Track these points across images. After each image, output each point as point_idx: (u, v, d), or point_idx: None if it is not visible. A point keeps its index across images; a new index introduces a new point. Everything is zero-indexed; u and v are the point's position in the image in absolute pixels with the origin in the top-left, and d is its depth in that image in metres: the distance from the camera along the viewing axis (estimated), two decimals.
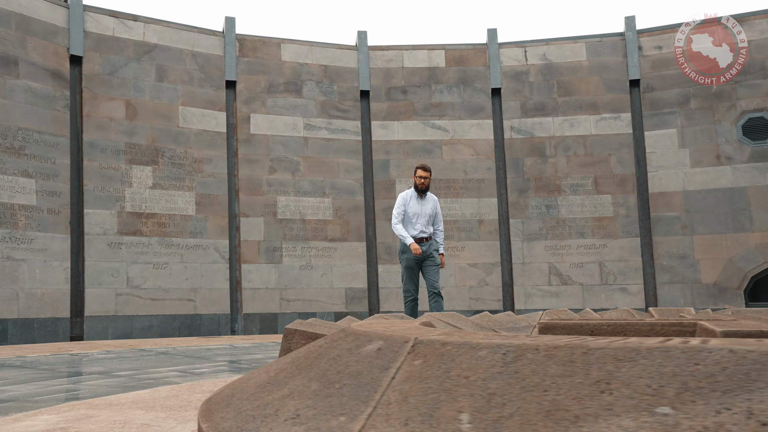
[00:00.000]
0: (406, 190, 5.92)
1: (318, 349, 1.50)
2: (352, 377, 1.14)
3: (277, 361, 1.71)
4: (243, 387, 1.44)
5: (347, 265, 9.07)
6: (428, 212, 5.75)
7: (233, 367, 3.98)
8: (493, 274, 9.07)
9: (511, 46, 9.95)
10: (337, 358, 1.29)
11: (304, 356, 1.51)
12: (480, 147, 9.59)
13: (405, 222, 5.75)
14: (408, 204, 5.74)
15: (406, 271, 5.70)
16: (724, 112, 8.82)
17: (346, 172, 9.45)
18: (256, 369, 1.80)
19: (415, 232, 5.69)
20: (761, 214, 8.33)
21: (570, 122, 9.46)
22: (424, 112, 9.76)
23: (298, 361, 1.47)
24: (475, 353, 1.04)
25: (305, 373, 1.29)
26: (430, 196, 5.85)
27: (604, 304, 8.66)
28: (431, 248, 5.71)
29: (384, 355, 1.18)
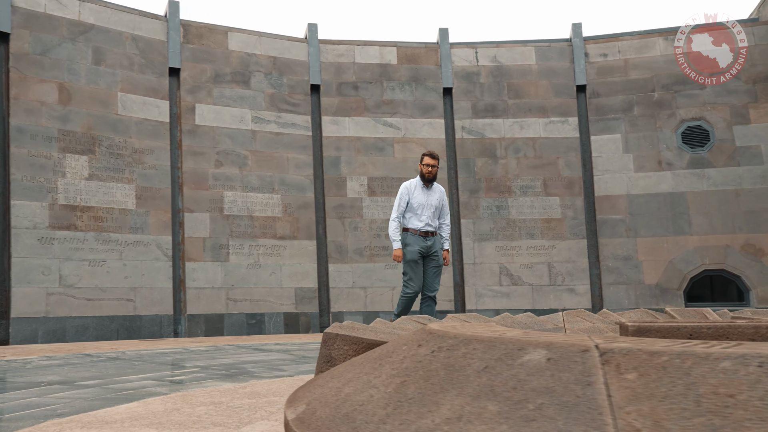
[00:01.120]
0: (409, 180, 5.57)
1: (431, 358, 1.29)
2: (544, 395, 0.96)
3: (355, 370, 1.50)
4: (356, 407, 1.22)
5: (297, 264, 8.77)
6: (435, 203, 5.39)
7: (213, 374, 3.66)
8: (445, 274, 9.02)
9: (462, 47, 9.96)
10: (490, 371, 1.10)
11: (413, 367, 1.30)
12: (432, 146, 9.52)
13: (409, 214, 5.36)
14: (412, 194, 5.37)
15: (409, 266, 5.27)
16: (665, 120, 9.18)
17: (295, 167, 9.14)
18: (326, 378, 1.58)
19: (420, 225, 5.32)
20: (699, 218, 8.71)
21: (520, 124, 9.57)
22: (375, 109, 9.60)
23: (412, 372, 1.26)
24: (715, 365, 0.88)
25: (455, 389, 1.09)
26: (436, 186, 5.50)
27: (553, 304, 8.81)
28: (436, 245, 5.37)
29: (563, 367, 1.01)
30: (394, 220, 5.39)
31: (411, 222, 5.33)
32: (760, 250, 8.40)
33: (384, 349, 1.62)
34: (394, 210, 5.41)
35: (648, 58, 9.51)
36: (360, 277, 8.91)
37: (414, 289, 5.29)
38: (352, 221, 9.11)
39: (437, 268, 5.38)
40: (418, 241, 5.28)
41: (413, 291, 5.30)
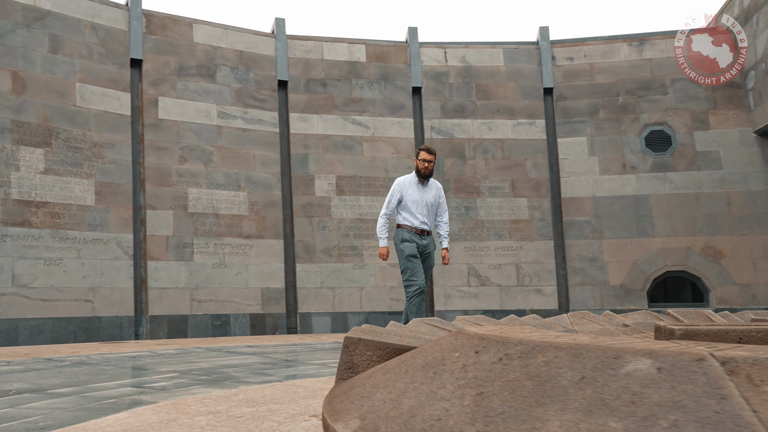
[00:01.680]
0: (404, 175, 5.32)
1: (503, 367, 1.19)
2: (675, 410, 0.87)
3: (403, 378, 1.39)
4: (431, 423, 1.10)
5: (264, 263, 8.55)
6: (430, 200, 5.16)
7: (196, 379, 3.48)
8: None
9: (431, 46, 9.93)
10: (592, 382, 1.01)
11: (484, 377, 1.20)
12: (401, 145, 9.47)
13: (403, 211, 5.11)
14: (406, 191, 5.12)
15: (408, 262, 5.01)
16: (629, 124, 9.36)
17: (262, 165, 8.92)
18: (364, 388, 1.46)
19: (416, 223, 5.09)
20: (661, 220, 8.91)
21: (488, 125, 9.60)
22: (344, 106, 9.46)
23: (486, 382, 1.16)
24: None
25: (555, 402, 0.99)
26: (433, 183, 5.25)
27: (521, 305, 8.86)
28: (431, 245, 5.16)
29: (682, 378, 0.92)
30: (381, 217, 5.16)
31: (407, 219, 5.10)
32: (719, 252, 8.65)
33: (426, 355, 1.52)
34: (384, 207, 5.20)
35: (613, 63, 9.69)
36: (328, 278, 8.76)
37: (418, 283, 5.02)
38: (320, 220, 8.95)
39: (429, 269, 5.21)
40: (415, 238, 5.07)
41: (418, 285, 5.03)
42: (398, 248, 5.09)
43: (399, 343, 1.87)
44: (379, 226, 5.16)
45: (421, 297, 5.01)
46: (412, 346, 1.86)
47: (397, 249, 5.09)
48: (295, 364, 4.22)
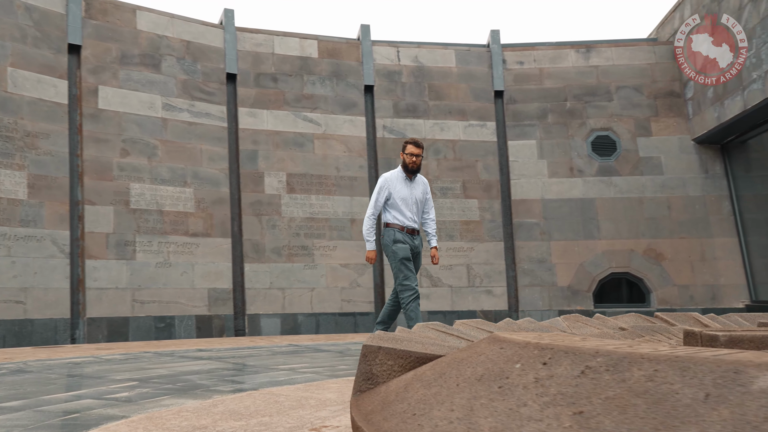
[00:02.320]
0: (389, 172, 5.01)
1: (594, 382, 1.08)
2: None
3: (458, 394, 1.26)
4: None
5: (211, 263, 8.22)
6: (419, 197, 4.89)
7: (160, 389, 3.22)
8: (365, 275, 8.84)
9: (384, 45, 9.84)
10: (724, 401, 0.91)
11: (576, 393, 1.08)
12: (353, 144, 9.32)
13: (392, 209, 4.81)
14: (394, 187, 4.81)
15: (403, 265, 4.70)
16: (577, 129, 9.58)
17: (210, 160, 8.57)
18: (404, 405, 1.33)
19: (407, 221, 4.79)
20: (607, 223, 9.15)
21: (440, 126, 9.59)
22: (295, 102, 9.23)
23: (581, 400, 1.05)
24: None
25: (684, 424, 0.89)
26: (419, 178, 4.97)
27: (471, 305, 8.89)
28: (420, 245, 4.89)
29: None
30: (369, 217, 4.84)
31: (396, 218, 4.82)
32: (660, 255, 8.96)
33: (475, 366, 1.40)
34: (371, 205, 4.89)
35: (561, 68, 9.89)
36: (278, 278, 8.50)
37: (414, 288, 4.75)
38: (269, 219, 8.68)
39: (417, 270, 4.99)
40: (405, 238, 4.79)
41: (414, 291, 4.74)
42: (390, 249, 4.78)
43: (422, 351, 1.75)
44: (366, 227, 4.83)
45: (417, 302, 4.75)
46: (436, 354, 1.74)
47: (389, 250, 4.80)
48: (262, 370, 4.01)
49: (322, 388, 3.07)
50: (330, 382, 3.30)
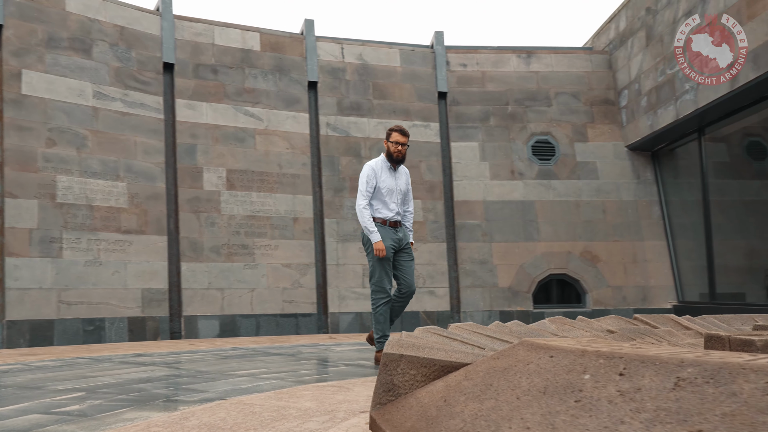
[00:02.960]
0: (373, 159, 4.68)
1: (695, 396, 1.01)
2: None
3: (527, 410, 1.16)
4: None
5: (145, 261, 7.78)
6: (403, 188, 4.61)
7: (115, 400, 2.95)
8: (308, 275, 8.64)
9: (328, 41, 9.66)
10: None
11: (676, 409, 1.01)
12: (295, 141, 9.09)
13: (375, 201, 4.48)
14: (379, 178, 4.48)
15: (380, 265, 4.42)
16: (518, 132, 9.74)
17: (144, 153, 8.12)
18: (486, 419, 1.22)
19: (390, 214, 4.49)
20: (546, 226, 9.36)
21: (385, 125, 9.51)
22: (236, 96, 8.90)
23: (681, 415, 0.97)
24: None
25: None
26: (402, 168, 4.69)
27: (414, 306, 8.85)
28: (406, 237, 4.58)
29: None
30: (365, 207, 4.44)
31: (378, 211, 4.50)
32: (596, 257, 9.25)
33: (528, 377, 1.30)
34: (363, 195, 4.48)
35: (503, 72, 10.04)
36: (217, 278, 8.16)
37: (388, 293, 4.51)
38: (208, 216, 8.32)
39: (412, 261, 4.65)
40: (389, 233, 4.48)
41: (387, 295, 4.50)
42: (370, 248, 4.51)
43: (448, 359, 1.64)
44: (365, 217, 4.43)
45: (389, 306, 4.54)
46: (462, 362, 1.63)
47: (368, 248, 4.53)
48: (219, 376, 3.78)
49: (295, 396, 2.90)
50: (300, 389, 3.13)
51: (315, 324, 8.51)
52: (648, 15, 9.10)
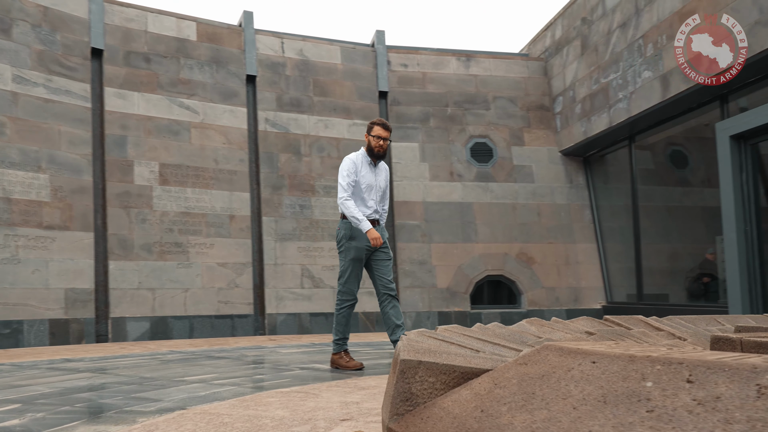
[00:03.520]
0: (353, 153, 4.43)
1: None
2: None
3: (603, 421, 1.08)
4: None
5: (69, 260, 7.26)
6: (382, 185, 4.42)
7: (59, 412, 2.67)
8: (244, 275, 8.35)
9: (267, 35, 9.40)
10: None
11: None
12: (233, 135, 8.78)
13: (353, 197, 4.27)
14: (359, 173, 4.27)
15: (352, 265, 4.24)
16: (457, 134, 9.83)
17: (69, 144, 7.60)
18: None
19: (368, 211, 4.28)
20: (483, 227, 9.49)
21: (325, 123, 9.36)
22: (171, 87, 8.49)
23: None
24: None
25: None
26: (382, 164, 4.49)
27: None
28: (384, 234, 4.38)
29: None
30: (348, 198, 4.20)
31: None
32: (531, 259, 9.46)
33: (574, 385, 1.23)
34: (343, 188, 4.23)
35: (443, 74, 10.10)
36: (148, 277, 7.74)
37: (353, 296, 4.33)
38: (139, 212, 7.88)
39: (390, 260, 4.40)
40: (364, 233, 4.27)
41: (352, 300, 4.33)
42: (343, 246, 4.29)
43: (467, 365, 1.55)
44: (351, 208, 4.17)
45: (352, 310, 4.38)
46: (483, 368, 1.55)
47: (341, 247, 4.32)
48: (168, 383, 3.53)
49: (262, 404, 2.73)
50: (264, 395, 2.96)
51: (251, 325, 8.24)
52: (583, 25, 9.40)
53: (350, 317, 4.39)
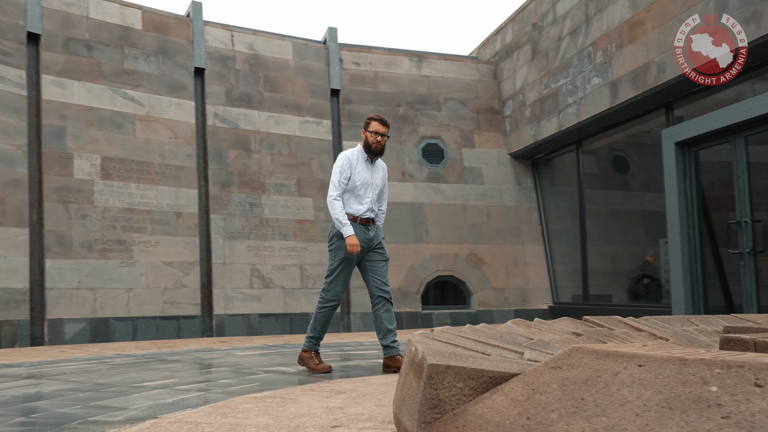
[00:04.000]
0: (349, 150, 4.24)
1: None
2: None
3: None
4: None
5: (2, 258, 6.79)
6: (378, 183, 4.25)
7: (16, 424, 2.44)
8: (191, 274, 8.05)
9: (217, 27, 9.12)
10: None
11: None
12: (180, 130, 8.45)
13: (348, 195, 4.09)
14: (355, 169, 4.10)
15: (342, 266, 4.07)
16: (409, 135, 9.83)
17: (2, 133, 7.11)
18: None
19: (363, 209, 4.10)
20: (435, 228, 9.52)
21: (276, 119, 9.15)
22: (114, 77, 8.10)
23: None
24: None
25: None
26: (380, 162, 4.33)
27: (305, 308, 8.59)
28: (378, 236, 4.20)
29: None
30: (336, 198, 4.04)
31: (350, 206, 4.10)
32: (481, 260, 9.56)
33: (627, 390, 1.20)
34: (335, 186, 4.08)
35: (395, 74, 10.08)
36: (88, 276, 7.33)
37: (337, 296, 4.13)
38: (79, 208, 7.46)
39: (386, 261, 4.24)
40: (359, 232, 4.09)
41: (336, 299, 4.13)
42: (335, 244, 4.12)
43: (495, 369, 1.49)
44: (336, 210, 4.02)
45: (333, 311, 4.19)
46: (511, 372, 1.49)
47: (332, 245, 4.15)
48: (127, 390, 3.31)
49: (239, 411, 2.59)
50: (237, 401, 2.81)
51: (199, 327, 7.94)
52: (534, 30, 9.58)
53: (330, 318, 4.23)
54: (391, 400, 2.76)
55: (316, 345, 4.19)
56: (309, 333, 4.19)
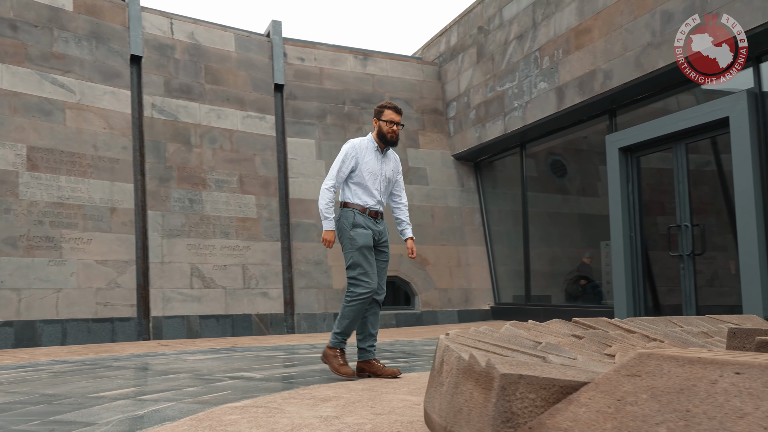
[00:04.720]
0: (358, 138, 3.92)
1: None
2: None
3: None
4: None
5: None
6: (389, 174, 3.94)
7: None
8: (127, 274, 7.58)
9: (155, 13, 8.66)
10: None
11: None
12: (114, 120, 7.96)
13: (354, 185, 3.80)
14: (362, 158, 3.81)
15: (361, 256, 3.71)
16: (354, 133, 9.69)
17: None
18: None
19: (372, 202, 3.81)
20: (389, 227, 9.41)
21: (217, 113, 8.80)
22: (42, 61, 7.52)
23: None
24: None
25: None
26: (392, 153, 4.01)
27: (247, 309, 8.28)
28: (386, 232, 3.92)
29: None
30: (329, 189, 3.79)
31: (358, 197, 3.80)
32: (425, 260, 9.55)
33: (739, 401, 1.12)
34: (332, 175, 3.82)
35: (340, 71, 9.92)
36: (12, 276, 6.75)
37: (371, 286, 3.70)
38: (2, 201, 6.86)
39: (386, 263, 3.97)
40: (369, 223, 3.80)
41: (370, 289, 3.69)
42: (347, 235, 3.77)
43: (564, 378, 1.39)
44: (324, 201, 3.76)
45: (366, 305, 3.73)
46: (579, 381, 1.40)
47: (345, 236, 3.79)
48: (88, 402, 3.00)
49: (225, 423, 2.38)
50: (219, 412, 2.60)
51: (134, 329, 7.49)
52: (480, 33, 9.67)
53: (361, 313, 3.76)
54: (385, 408, 2.64)
55: (343, 343, 3.86)
56: (337, 329, 3.80)
